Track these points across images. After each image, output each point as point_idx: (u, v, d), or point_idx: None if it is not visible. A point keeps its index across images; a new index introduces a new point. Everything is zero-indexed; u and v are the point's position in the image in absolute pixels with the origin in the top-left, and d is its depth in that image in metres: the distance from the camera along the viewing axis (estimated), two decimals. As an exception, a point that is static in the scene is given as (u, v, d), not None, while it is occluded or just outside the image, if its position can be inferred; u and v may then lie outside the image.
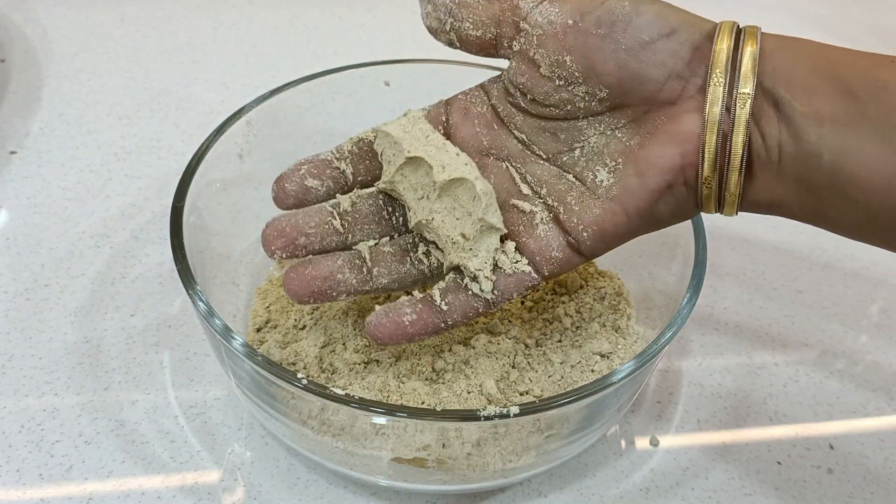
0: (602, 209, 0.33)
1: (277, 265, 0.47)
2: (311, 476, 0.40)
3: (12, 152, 0.56)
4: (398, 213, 0.37)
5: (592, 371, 0.40)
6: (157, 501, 0.38)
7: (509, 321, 0.42)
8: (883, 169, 0.28)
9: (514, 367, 0.39)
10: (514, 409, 0.31)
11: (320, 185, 0.37)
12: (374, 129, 0.38)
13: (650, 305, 0.43)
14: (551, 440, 0.35)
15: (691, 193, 0.32)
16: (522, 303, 0.44)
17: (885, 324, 0.51)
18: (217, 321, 0.34)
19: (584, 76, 0.33)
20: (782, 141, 0.30)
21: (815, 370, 0.47)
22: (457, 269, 0.35)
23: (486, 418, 0.31)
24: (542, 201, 0.35)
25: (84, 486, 0.38)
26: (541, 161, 0.36)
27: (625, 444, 0.43)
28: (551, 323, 0.42)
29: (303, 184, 0.37)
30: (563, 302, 0.43)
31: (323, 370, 0.39)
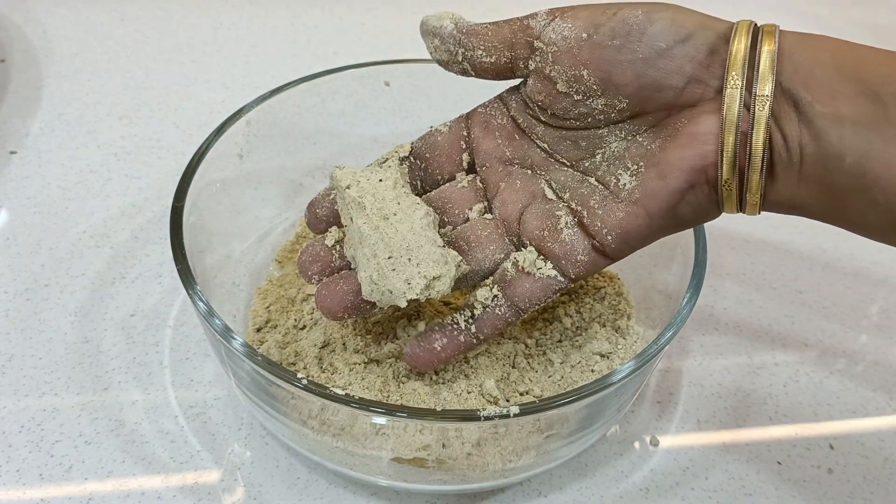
0: (625, 212, 0.33)
1: (277, 266, 0.47)
2: (311, 476, 0.40)
3: (12, 152, 0.56)
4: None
5: (592, 371, 0.40)
6: (157, 501, 0.38)
7: (509, 321, 0.42)
8: None
9: (514, 367, 0.39)
10: (514, 409, 0.31)
11: None
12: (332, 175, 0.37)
13: (650, 305, 0.43)
14: (551, 440, 0.35)
15: (713, 193, 0.32)
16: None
17: (885, 324, 0.51)
18: (217, 321, 0.34)
19: (602, 89, 0.32)
20: (803, 142, 0.30)
21: (815, 370, 0.47)
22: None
23: (486, 418, 0.31)
24: (567, 206, 0.35)
25: (84, 486, 0.38)
26: (564, 167, 0.36)
27: (625, 444, 0.42)
28: (551, 323, 0.42)
29: (333, 208, 0.37)
30: (563, 302, 0.43)
31: (323, 370, 0.39)
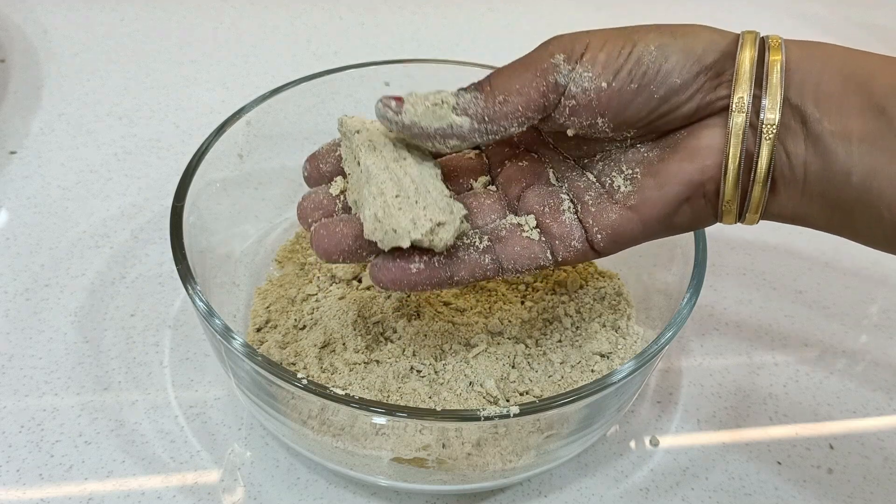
0: (619, 215, 0.33)
1: (277, 266, 0.47)
2: (311, 476, 0.40)
3: (12, 152, 0.56)
4: None
5: (592, 371, 0.40)
6: (157, 501, 0.38)
7: (509, 321, 0.42)
8: None
9: (514, 367, 0.39)
10: (514, 409, 0.31)
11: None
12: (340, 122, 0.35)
13: (650, 305, 0.43)
14: (551, 440, 0.35)
15: (710, 206, 0.32)
16: (522, 303, 0.44)
17: (885, 324, 0.51)
18: (217, 321, 0.34)
19: (613, 129, 0.32)
20: (808, 160, 0.30)
21: (815, 370, 0.47)
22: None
23: (486, 418, 0.31)
24: (568, 194, 0.35)
25: (84, 486, 0.38)
26: (567, 159, 0.36)
27: (625, 444, 0.43)
28: (551, 323, 0.42)
29: (338, 164, 0.35)
30: (563, 302, 0.43)
31: (323, 370, 0.39)
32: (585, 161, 0.35)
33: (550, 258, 0.34)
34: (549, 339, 0.41)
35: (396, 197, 0.31)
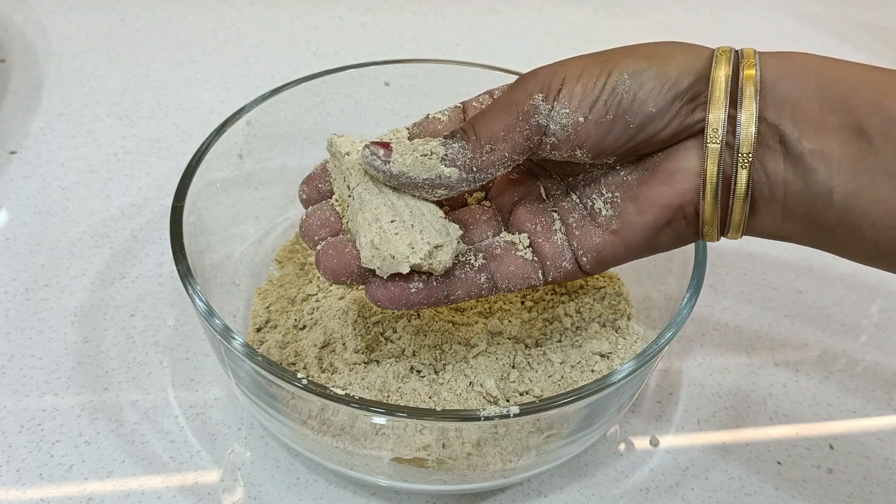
0: (602, 239, 0.33)
1: (277, 266, 0.47)
2: (311, 476, 0.40)
3: (12, 152, 0.56)
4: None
5: (592, 371, 0.40)
6: (157, 501, 0.38)
7: (509, 321, 0.42)
8: (894, 208, 0.28)
9: (514, 367, 0.39)
10: (514, 409, 0.31)
11: None
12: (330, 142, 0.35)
13: (650, 305, 0.43)
14: (551, 440, 0.35)
15: (691, 227, 0.32)
16: (522, 302, 0.44)
17: (884, 324, 0.51)
18: (217, 321, 0.34)
19: (593, 157, 0.32)
20: (788, 179, 0.29)
21: (815, 370, 0.47)
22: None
23: (486, 418, 0.31)
24: (558, 214, 0.35)
25: (84, 486, 0.38)
26: (553, 177, 0.36)
27: (625, 444, 0.43)
28: (551, 323, 0.42)
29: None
30: (563, 302, 0.43)
31: (323, 370, 0.39)
32: (570, 179, 0.35)
33: (541, 278, 0.34)
34: (549, 339, 0.41)
35: (392, 222, 0.31)
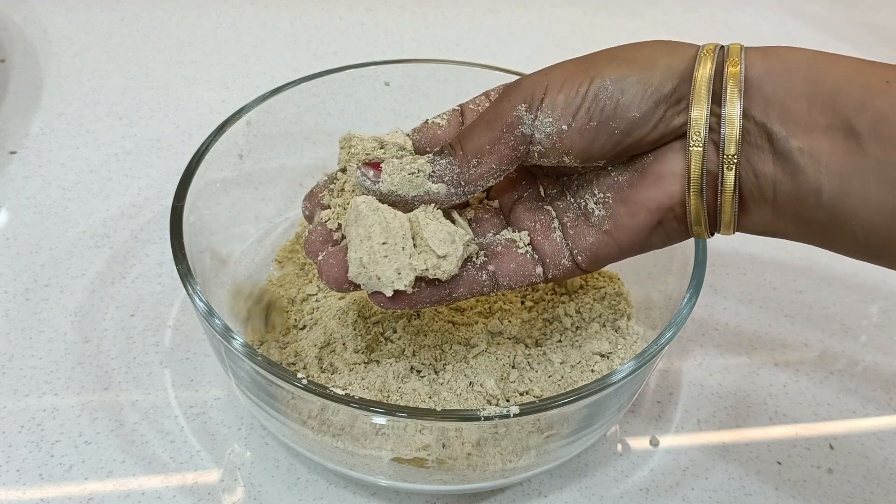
0: (595, 238, 0.34)
1: (277, 266, 0.47)
2: (311, 476, 0.40)
3: (12, 152, 0.56)
4: None
5: (592, 371, 0.40)
6: (157, 501, 0.38)
7: (509, 321, 0.42)
8: (884, 207, 0.28)
9: (514, 367, 0.39)
10: (514, 409, 0.31)
11: None
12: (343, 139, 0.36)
13: (650, 305, 0.43)
14: (551, 440, 0.35)
15: (682, 226, 0.33)
16: (522, 302, 0.44)
17: (884, 324, 0.51)
18: (217, 321, 0.34)
19: (581, 162, 0.32)
20: (777, 178, 0.29)
21: (815, 370, 0.47)
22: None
23: (486, 418, 0.31)
24: (555, 212, 0.35)
25: (84, 486, 0.38)
26: (549, 175, 0.36)
27: (625, 444, 0.43)
28: (551, 323, 0.42)
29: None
30: (563, 302, 0.43)
31: (323, 370, 0.39)
32: (564, 179, 0.36)
33: (542, 275, 0.35)
34: (549, 339, 0.41)
35: (383, 244, 0.32)
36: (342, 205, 0.35)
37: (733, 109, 0.29)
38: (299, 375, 0.32)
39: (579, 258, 0.34)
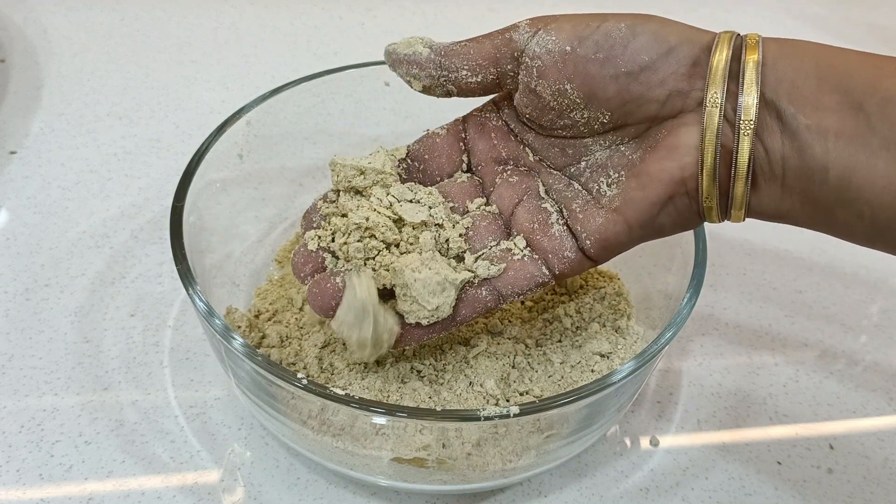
0: (604, 219, 0.33)
1: (277, 266, 0.47)
2: (311, 476, 0.40)
3: (12, 152, 0.56)
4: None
5: (592, 371, 0.40)
6: (157, 501, 0.38)
7: (509, 321, 0.42)
8: (890, 185, 0.28)
9: (514, 367, 0.39)
10: (514, 409, 0.31)
11: None
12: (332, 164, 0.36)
13: (650, 305, 0.43)
14: (551, 440, 0.35)
15: (693, 204, 0.32)
16: (522, 303, 0.44)
17: (884, 324, 0.51)
18: (217, 321, 0.34)
19: (585, 102, 0.32)
20: (786, 154, 0.30)
21: (815, 370, 0.47)
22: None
23: (486, 418, 0.31)
24: (556, 205, 0.35)
25: (84, 486, 0.38)
26: (552, 171, 0.36)
27: (625, 444, 0.43)
28: (551, 323, 0.42)
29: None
30: (563, 302, 0.43)
31: (323, 370, 0.39)
32: (572, 170, 0.35)
33: (548, 273, 0.35)
34: (549, 339, 0.41)
35: (355, 318, 0.33)
36: (331, 226, 0.36)
37: (751, 80, 0.30)
38: (299, 375, 0.32)
39: (587, 243, 0.34)
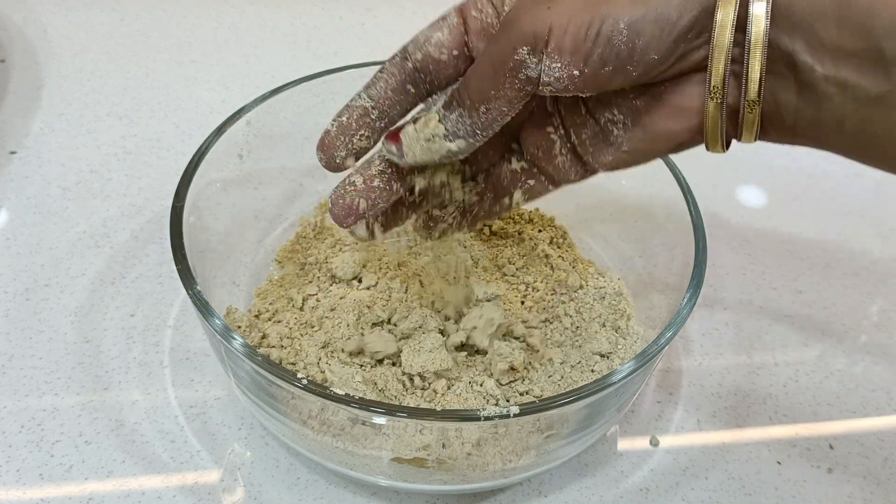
0: (613, 157, 0.34)
1: (277, 266, 0.47)
2: (311, 476, 0.40)
3: (12, 152, 0.56)
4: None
5: (592, 371, 0.40)
6: (157, 501, 0.38)
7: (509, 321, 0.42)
8: None
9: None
10: (514, 409, 0.31)
11: (367, 141, 0.35)
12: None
13: (650, 305, 0.43)
14: (551, 440, 0.35)
15: (700, 139, 0.32)
16: (522, 303, 0.44)
17: (884, 324, 0.51)
18: (217, 321, 0.34)
19: (598, 95, 0.32)
20: (799, 108, 0.29)
21: (815, 370, 0.47)
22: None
23: (486, 418, 0.31)
24: (561, 130, 0.35)
25: (84, 486, 0.38)
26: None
27: (625, 444, 0.43)
28: (551, 323, 0.42)
29: (351, 146, 0.35)
30: (563, 302, 0.43)
31: (323, 370, 0.39)
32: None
33: (552, 187, 0.36)
34: (549, 339, 0.41)
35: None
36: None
37: (760, 7, 0.28)
38: (299, 375, 0.32)
39: (598, 168, 0.34)
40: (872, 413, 0.45)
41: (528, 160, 0.36)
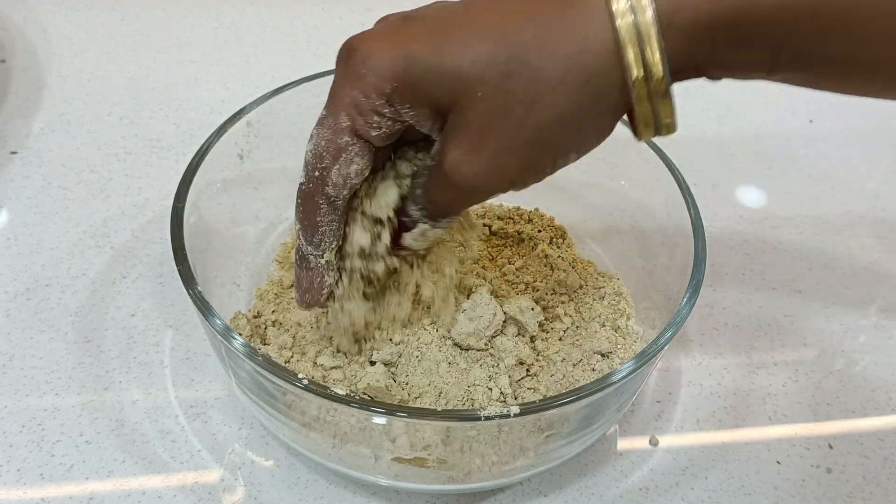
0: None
1: (277, 266, 0.47)
2: (311, 476, 0.40)
3: (13, 152, 0.56)
4: None
5: (592, 370, 0.40)
6: (157, 501, 0.38)
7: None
8: None
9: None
10: (515, 409, 0.31)
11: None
12: None
13: (650, 305, 0.43)
14: (551, 440, 0.35)
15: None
16: (522, 303, 0.44)
17: (884, 324, 0.51)
18: (217, 321, 0.34)
19: None
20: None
21: (815, 370, 0.48)
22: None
23: (487, 418, 0.31)
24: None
25: (84, 485, 0.38)
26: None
27: (625, 444, 0.43)
28: (551, 322, 0.42)
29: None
30: (562, 302, 0.43)
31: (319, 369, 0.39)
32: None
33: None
34: (550, 338, 0.41)
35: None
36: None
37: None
38: (300, 375, 0.32)
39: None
40: (872, 413, 0.46)
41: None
